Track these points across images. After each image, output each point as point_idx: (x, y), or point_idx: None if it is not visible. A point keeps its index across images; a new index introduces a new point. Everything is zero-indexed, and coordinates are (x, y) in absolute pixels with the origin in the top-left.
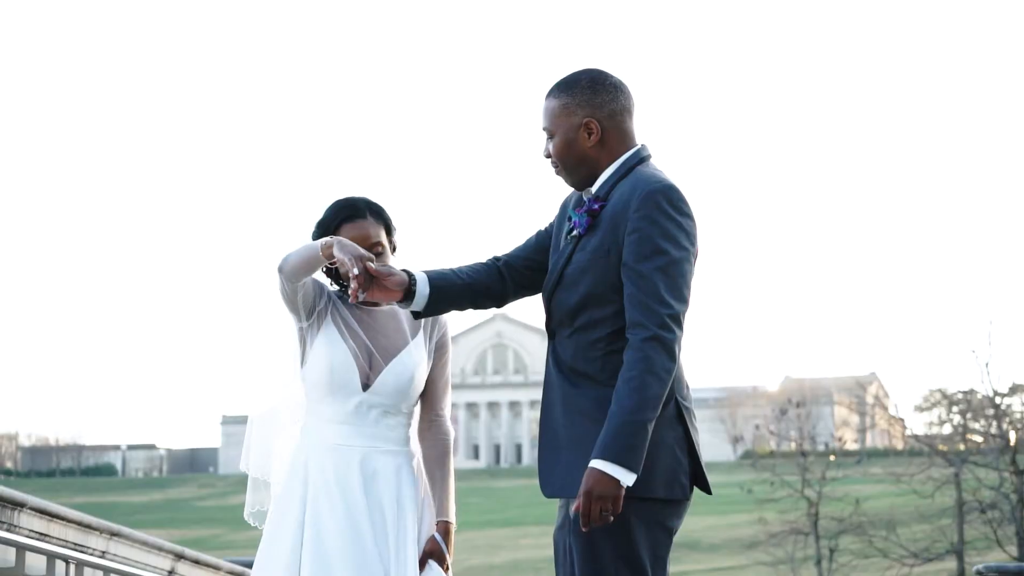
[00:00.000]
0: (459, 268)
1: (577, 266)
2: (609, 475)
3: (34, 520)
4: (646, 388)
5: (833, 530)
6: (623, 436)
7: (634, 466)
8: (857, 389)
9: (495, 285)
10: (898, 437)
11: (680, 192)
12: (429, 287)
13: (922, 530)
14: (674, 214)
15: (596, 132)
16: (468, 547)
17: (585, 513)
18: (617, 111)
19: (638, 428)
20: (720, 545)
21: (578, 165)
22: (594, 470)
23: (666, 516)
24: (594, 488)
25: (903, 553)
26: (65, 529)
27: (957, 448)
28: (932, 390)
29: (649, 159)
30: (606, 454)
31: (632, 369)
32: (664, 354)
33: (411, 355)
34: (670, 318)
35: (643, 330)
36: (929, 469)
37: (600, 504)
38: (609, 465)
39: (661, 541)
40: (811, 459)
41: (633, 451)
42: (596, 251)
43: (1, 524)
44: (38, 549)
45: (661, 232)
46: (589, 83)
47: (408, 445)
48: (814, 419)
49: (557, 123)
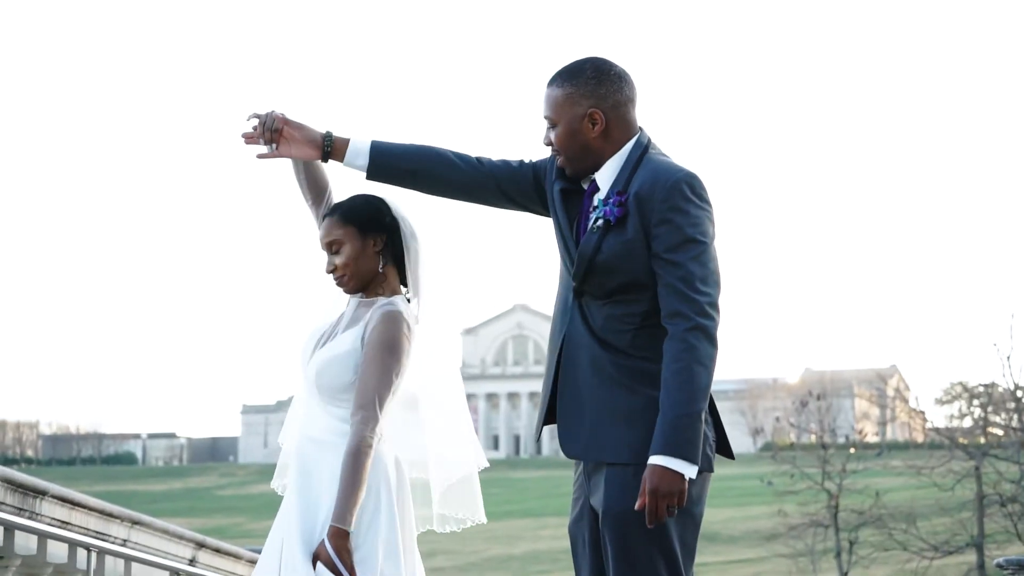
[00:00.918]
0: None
1: (611, 254)
2: (673, 470)
3: (56, 508)
4: (696, 378)
5: (853, 523)
6: (680, 430)
7: (694, 458)
8: (878, 381)
9: (459, 170)
10: (919, 430)
11: (701, 180)
12: (372, 143)
13: (942, 523)
14: (700, 202)
15: (600, 123)
16: (487, 537)
17: (652, 511)
18: (621, 102)
19: (694, 420)
20: (739, 537)
21: (581, 155)
22: (657, 467)
23: (694, 499)
24: (660, 485)
25: (923, 546)
26: (87, 517)
27: (978, 441)
28: (953, 383)
29: (651, 143)
30: (667, 449)
31: (679, 360)
32: (707, 342)
33: (338, 343)
34: (709, 305)
35: (684, 320)
36: (949, 462)
37: (667, 500)
38: (672, 460)
39: (690, 529)
40: (831, 451)
41: (691, 444)
42: (630, 242)
43: (23, 512)
44: (60, 537)
45: (691, 221)
46: (594, 73)
47: (337, 436)
48: (834, 411)
49: (560, 112)
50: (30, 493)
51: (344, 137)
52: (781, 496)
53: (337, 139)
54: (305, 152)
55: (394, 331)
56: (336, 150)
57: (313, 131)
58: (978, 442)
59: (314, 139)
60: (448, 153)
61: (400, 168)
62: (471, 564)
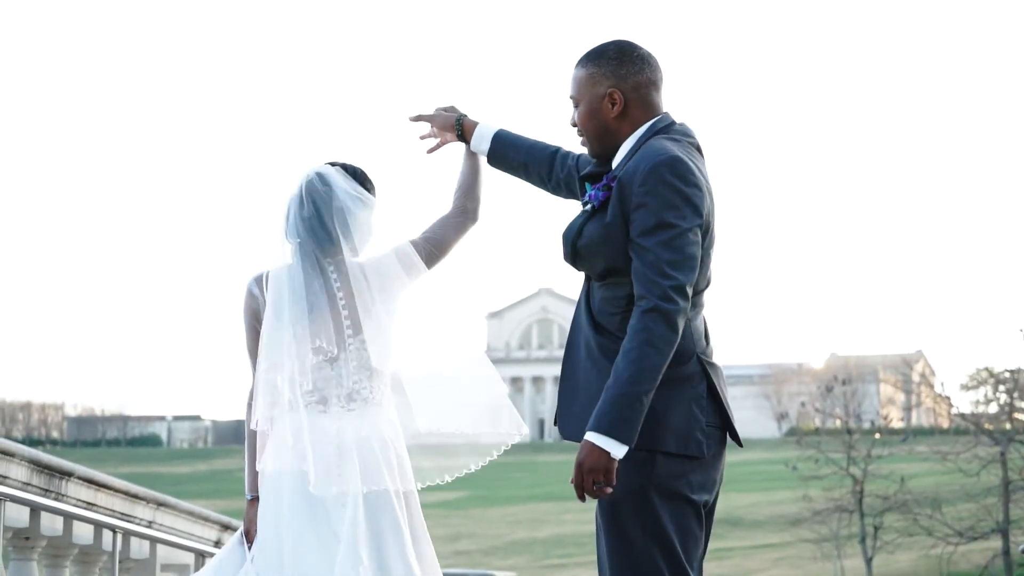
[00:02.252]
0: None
1: (590, 239)
2: (600, 448)
3: (82, 490)
4: (643, 359)
5: (878, 508)
6: (616, 408)
7: (626, 438)
8: (903, 367)
9: (556, 174)
10: (944, 415)
11: (685, 163)
12: (496, 132)
13: (967, 509)
14: (679, 185)
15: (619, 103)
16: (511, 521)
17: (578, 485)
18: (642, 83)
19: (632, 400)
20: (764, 522)
21: (600, 135)
22: (586, 442)
23: (685, 482)
24: (585, 461)
25: (948, 532)
26: (112, 499)
27: (1003, 427)
28: (979, 368)
29: (670, 127)
30: (599, 426)
31: (631, 341)
32: (664, 325)
33: None
34: (672, 289)
35: (645, 302)
36: (975, 448)
37: (592, 476)
38: (601, 438)
39: (683, 510)
40: (856, 437)
41: (626, 424)
42: (608, 227)
43: (49, 493)
44: (86, 518)
45: (665, 205)
46: (616, 53)
47: None
48: (859, 397)
49: (582, 92)
50: (56, 474)
51: (474, 121)
52: (806, 481)
53: (467, 122)
54: (446, 136)
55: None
56: (465, 131)
57: (448, 116)
58: (1004, 428)
59: (448, 122)
60: (558, 154)
61: (515, 160)
62: (495, 548)
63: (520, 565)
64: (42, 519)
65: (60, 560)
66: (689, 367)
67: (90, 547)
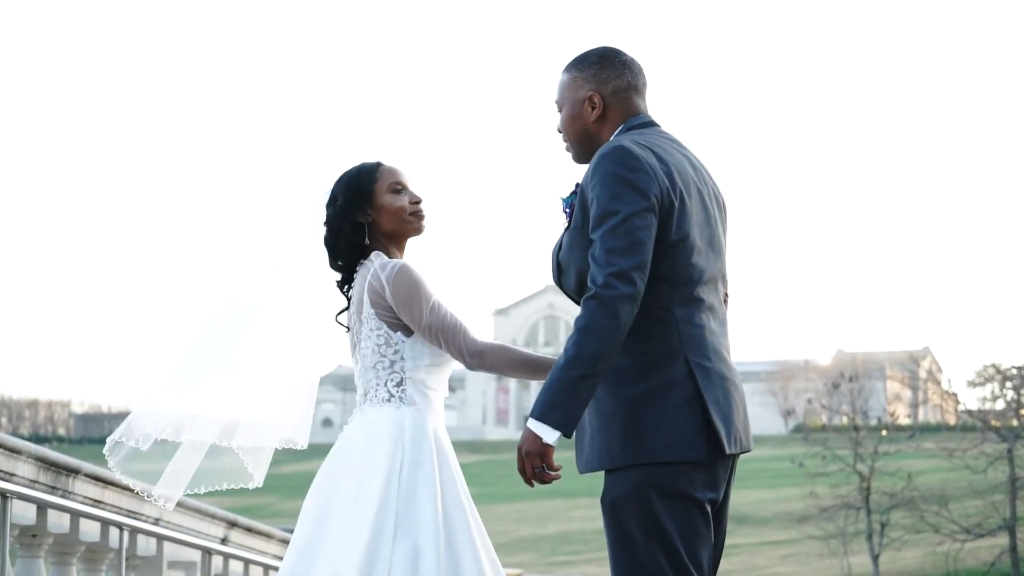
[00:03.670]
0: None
1: (565, 249)
2: (534, 432)
3: (89, 487)
4: (579, 346)
5: (885, 505)
6: (548, 394)
7: (556, 423)
8: (910, 363)
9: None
10: (951, 412)
11: (627, 149)
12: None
13: (974, 506)
14: (622, 172)
15: (599, 106)
16: (518, 518)
17: (520, 470)
18: (622, 87)
19: (565, 386)
20: (771, 519)
21: (580, 138)
22: (526, 428)
23: (686, 483)
24: (523, 446)
25: (955, 528)
26: (119, 496)
27: (1010, 423)
28: (986, 365)
29: (643, 125)
30: (534, 411)
31: (574, 326)
32: (602, 311)
33: None
34: (613, 276)
35: (587, 292)
36: (982, 444)
37: (530, 461)
38: (534, 423)
39: (685, 509)
40: (863, 433)
41: (557, 408)
42: (575, 230)
43: (56, 490)
44: (93, 516)
45: (609, 194)
46: (598, 59)
47: None
48: (866, 393)
49: (565, 96)
50: (63, 472)
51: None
52: (813, 478)
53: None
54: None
55: None
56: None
57: None
58: (1011, 424)
59: None
60: None
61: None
62: (501, 544)
63: (526, 562)
64: (49, 516)
65: (67, 557)
66: (678, 369)
67: (97, 544)
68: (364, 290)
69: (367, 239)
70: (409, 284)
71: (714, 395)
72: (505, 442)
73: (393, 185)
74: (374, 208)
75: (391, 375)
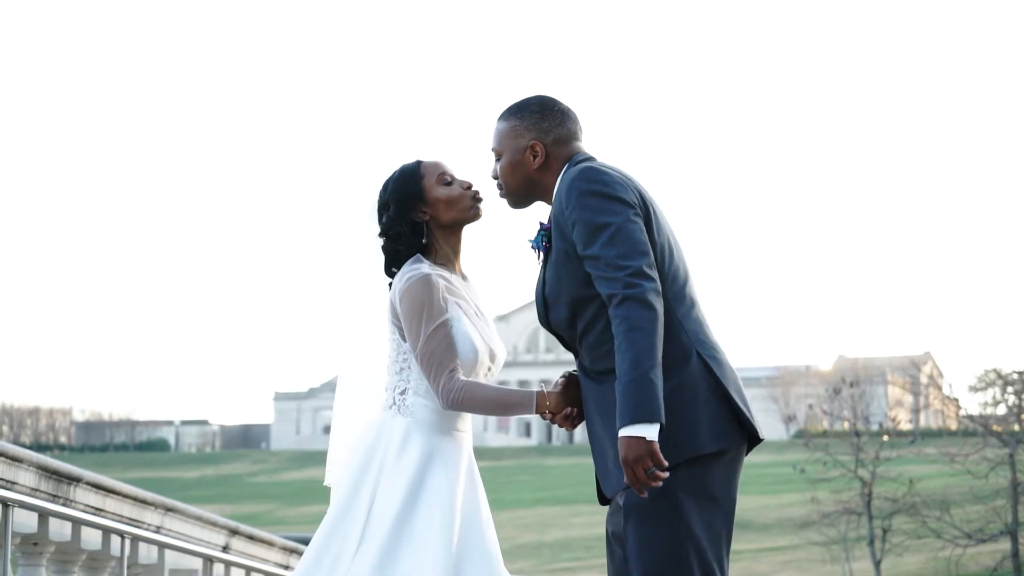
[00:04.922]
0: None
1: (551, 283)
2: (634, 437)
3: (90, 495)
4: (634, 344)
5: (886, 510)
6: (631, 395)
7: (651, 416)
8: (911, 368)
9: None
10: (952, 417)
11: (595, 168)
12: None
13: (976, 511)
14: (598, 188)
15: (540, 155)
16: (519, 525)
17: (632, 481)
18: (562, 136)
19: (642, 382)
20: (772, 524)
21: (521, 186)
22: (622, 439)
23: (711, 482)
24: (628, 455)
25: (957, 534)
26: (121, 504)
27: (1012, 428)
28: (987, 370)
29: (582, 161)
30: (623, 420)
31: (617, 336)
32: (638, 307)
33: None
34: (631, 276)
35: (613, 298)
36: (983, 449)
37: (640, 465)
38: (630, 428)
39: (710, 510)
40: (864, 439)
41: (645, 404)
42: (558, 261)
43: (57, 498)
44: (94, 524)
45: (593, 211)
46: (538, 107)
47: None
48: (867, 398)
49: (505, 144)
50: (64, 480)
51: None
52: (814, 483)
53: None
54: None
55: None
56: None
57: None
58: (1012, 429)
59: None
60: None
61: None
62: (502, 551)
63: (527, 569)
64: (50, 524)
65: (68, 565)
66: (693, 365)
67: (98, 552)
68: (391, 295)
69: (424, 238)
70: (415, 302)
71: (734, 386)
72: (506, 449)
73: (441, 177)
74: (428, 204)
75: (399, 383)
